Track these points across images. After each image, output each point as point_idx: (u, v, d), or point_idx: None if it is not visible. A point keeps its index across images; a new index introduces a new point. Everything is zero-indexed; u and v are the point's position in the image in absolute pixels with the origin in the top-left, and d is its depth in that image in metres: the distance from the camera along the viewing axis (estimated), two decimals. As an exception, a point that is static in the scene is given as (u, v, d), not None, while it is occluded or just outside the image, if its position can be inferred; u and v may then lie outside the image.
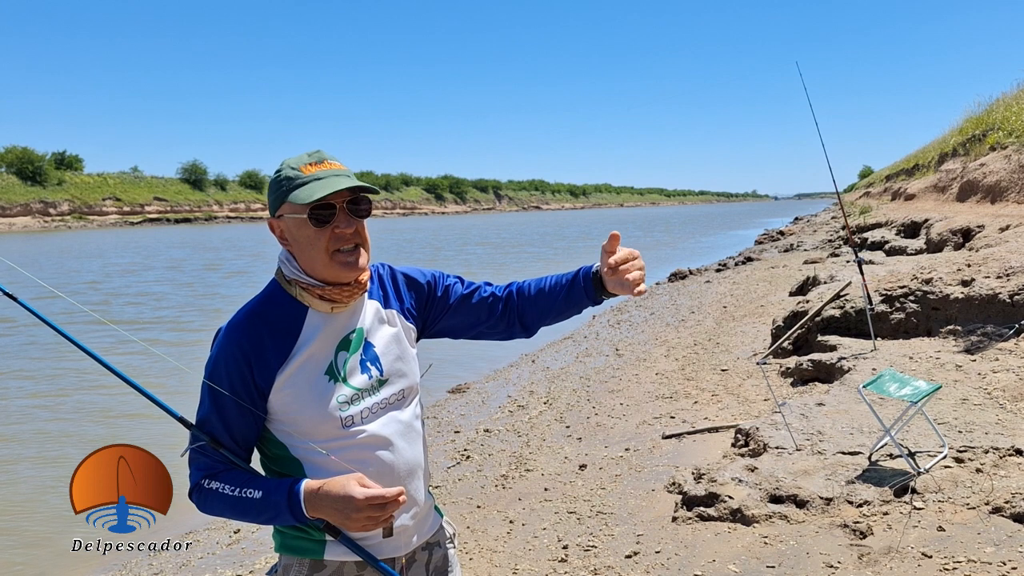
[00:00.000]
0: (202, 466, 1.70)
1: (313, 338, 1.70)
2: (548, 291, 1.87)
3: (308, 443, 1.69)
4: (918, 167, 30.99)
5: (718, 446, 5.76)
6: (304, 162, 1.68)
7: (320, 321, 1.71)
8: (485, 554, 4.38)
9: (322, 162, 1.68)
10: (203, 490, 1.68)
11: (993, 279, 7.52)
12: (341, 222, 1.65)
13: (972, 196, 17.24)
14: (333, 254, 1.66)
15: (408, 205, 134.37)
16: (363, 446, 1.71)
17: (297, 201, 1.63)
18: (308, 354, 1.69)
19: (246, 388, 1.67)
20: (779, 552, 3.82)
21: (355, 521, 1.60)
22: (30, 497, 6.22)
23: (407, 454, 1.78)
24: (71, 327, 1.86)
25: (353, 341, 1.74)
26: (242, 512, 1.66)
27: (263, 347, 1.67)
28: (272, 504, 1.63)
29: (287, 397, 1.68)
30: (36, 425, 8.12)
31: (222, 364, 1.68)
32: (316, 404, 1.68)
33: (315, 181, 1.64)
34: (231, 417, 1.68)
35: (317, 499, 1.61)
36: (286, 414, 1.69)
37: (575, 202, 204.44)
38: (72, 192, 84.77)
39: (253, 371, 1.66)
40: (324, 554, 1.71)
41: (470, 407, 8.16)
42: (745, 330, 10.53)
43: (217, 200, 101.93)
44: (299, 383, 1.68)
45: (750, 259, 22.69)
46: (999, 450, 4.42)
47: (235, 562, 4.72)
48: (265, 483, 1.66)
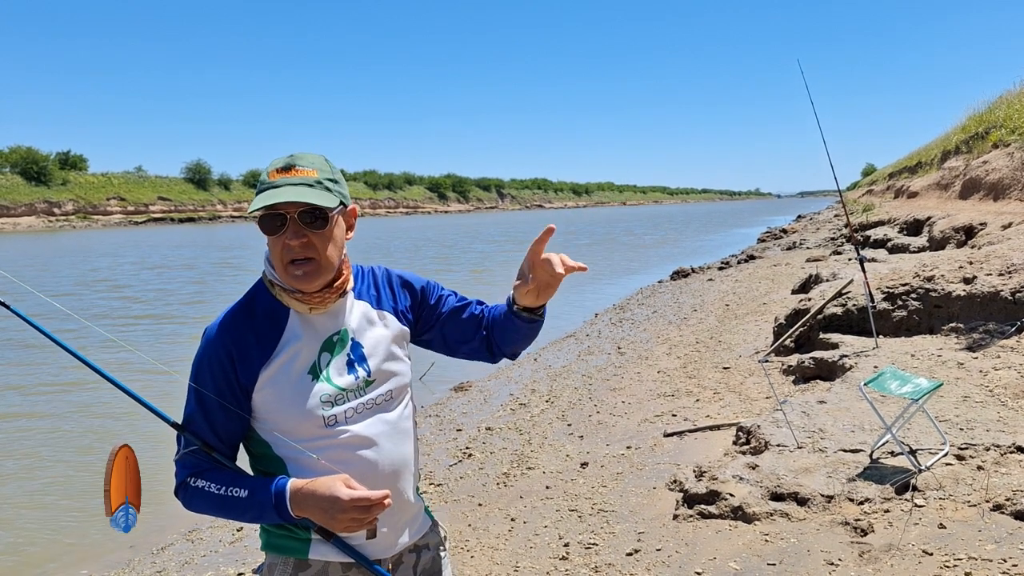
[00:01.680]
0: (188, 464, 1.71)
1: (296, 338, 1.71)
2: (501, 319, 1.89)
3: (290, 442, 1.69)
4: (921, 165, 30.93)
5: (719, 444, 5.77)
6: (275, 166, 1.68)
7: (303, 321, 1.73)
8: (487, 552, 4.39)
9: (290, 169, 1.67)
10: (189, 488, 1.69)
11: (995, 277, 7.51)
12: (289, 233, 1.64)
13: (975, 194, 17.21)
14: (286, 265, 1.67)
15: (411, 204, 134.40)
16: (346, 446, 1.71)
17: (251, 208, 1.64)
18: (291, 353, 1.70)
19: (230, 387, 1.68)
20: (780, 550, 3.82)
21: (339, 522, 1.61)
22: (37, 492, 6.25)
23: (393, 455, 1.78)
24: (68, 329, 1.87)
25: (338, 342, 1.75)
26: (228, 510, 1.67)
27: (247, 345, 1.69)
28: (258, 503, 1.64)
29: (268, 396, 1.69)
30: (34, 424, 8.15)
31: (206, 363, 1.70)
32: (297, 403, 1.69)
33: (271, 189, 1.64)
34: (215, 415, 1.70)
35: (302, 498, 1.62)
36: (268, 412, 1.70)
37: (578, 200, 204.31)
38: (76, 192, 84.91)
39: (237, 369, 1.68)
40: (309, 553, 1.72)
41: (472, 405, 8.18)
42: (747, 328, 10.52)
43: (221, 199, 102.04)
44: (280, 382, 1.69)
45: (752, 257, 22.65)
46: (1000, 447, 4.42)
47: (237, 560, 4.74)
48: (251, 482, 1.67)
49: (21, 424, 8.29)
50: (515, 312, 1.81)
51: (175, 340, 13.09)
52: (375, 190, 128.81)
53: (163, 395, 2.31)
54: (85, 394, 9.10)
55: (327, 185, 1.68)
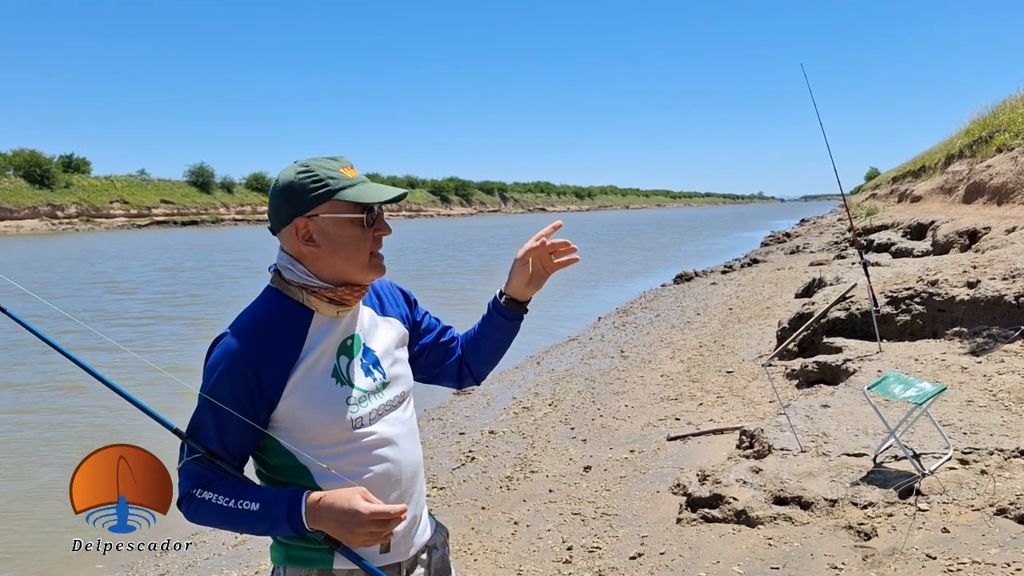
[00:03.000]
0: (192, 474, 1.65)
1: (319, 342, 1.69)
2: (476, 332, 1.98)
3: (316, 448, 1.66)
4: (924, 169, 30.88)
5: (723, 448, 5.76)
6: (342, 164, 1.70)
7: (324, 325, 1.71)
8: (489, 555, 4.39)
9: (352, 168, 1.72)
10: (194, 499, 1.64)
11: (999, 281, 7.50)
12: (382, 226, 1.73)
13: (979, 198, 17.19)
14: (372, 256, 1.71)
15: (414, 207, 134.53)
16: (372, 447, 1.71)
17: (353, 199, 1.65)
18: (315, 357, 1.68)
19: (251, 400, 1.63)
20: (783, 553, 3.82)
21: (356, 536, 1.58)
22: (32, 494, 6.26)
23: (411, 455, 1.81)
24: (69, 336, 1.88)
25: (352, 346, 1.75)
26: (236, 523, 1.63)
27: (270, 353, 1.64)
28: (270, 516, 1.60)
29: (296, 402, 1.65)
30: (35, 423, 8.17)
31: (227, 376, 1.62)
32: (327, 405, 1.67)
33: (363, 184, 1.68)
34: (229, 429, 1.64)
35: (319, 511, 1.58)
36: (295, 420, 1.66)
37: (580, 204, 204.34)
38: (79, 195, 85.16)
39: (263, 381, 1.63)
40: (334, 563, 1.68)
41: (475, 409, 8.18)
42: (751, 332, 10.52)
43: (224, 203, 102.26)
44: (307, 387, 1.66)
45: (756, 261, 22.64)
46: (1004, 452, 4.42)
47: (241, 563, 4.74)
48: (262, 494, 1.62)
49: (42, 417, 8.31)
50: (500, 306, 1.91)
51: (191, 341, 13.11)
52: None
53: (171, 397, 2.30)
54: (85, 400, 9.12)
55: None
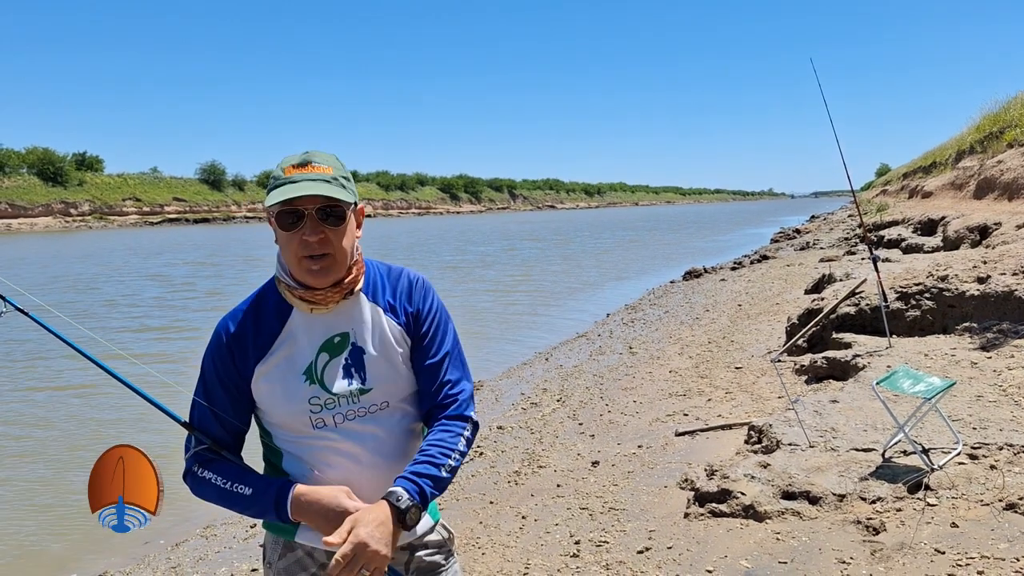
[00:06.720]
0: (197, 458, 1.77)
1: (293, 337, 1.74)
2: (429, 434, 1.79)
3: (284, 435, 1.77)
4: (935, 165, 30.70)
5: (731, 443, 5.76)
6: (291, 163, 1.69)
7: (303, 321, 1.75)
8: (498, 549, 4.41)
9: (306, 164, 1.68)
10: (196, 476, 1.75)
11: (1009, 276, 7.47)
12: (307, 229, 1.65)
13: (989, 193, 17.08)
14: (301, 260, 1.67)
15: (423, 205, 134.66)
16: (332, 450, 1.74)
17: (267, 203, 1.66)
18: (287, 352, 1.73)
19: (229, 375, 1.75)
20: (791, 548, 3.82)
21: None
22: (51, 485, 6.33)
23: (379, 466, 1.75)
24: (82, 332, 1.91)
25: (338, 343, 1.75)
26: (230, 503, 1.73)
27: (245, 340, 1.74)
28: (260, 502, 1.70)
29: (263, 391, 1.75)
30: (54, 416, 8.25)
31: (211, 351, 1.78)
32: (287, 402, 1.73)
33: (288, 184, 1.65)
34: (219, 405, 1.76)
35: (305, 505, 1.67)
36: (263, 404, 1.77)
37: (590, 201, 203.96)
38: (93, 193, 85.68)
39: (235, 362, 1.74)
40: (296, 536, 1.77)
41: (484, 404, 8.20)
42: (760, 328, 10.49)
43: (235, 200, 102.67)
44: (274, 379, 1.73)
45: (766, 257, 22.56)
46: (1013, 447, 4.40)
47: (251, 556, 4.78)
48: (256, 481, 1.72)
49: (49, 415, 8.39)
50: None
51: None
52: (387, 191, 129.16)
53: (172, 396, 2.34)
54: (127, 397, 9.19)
55: (342, 182, 1.70)
